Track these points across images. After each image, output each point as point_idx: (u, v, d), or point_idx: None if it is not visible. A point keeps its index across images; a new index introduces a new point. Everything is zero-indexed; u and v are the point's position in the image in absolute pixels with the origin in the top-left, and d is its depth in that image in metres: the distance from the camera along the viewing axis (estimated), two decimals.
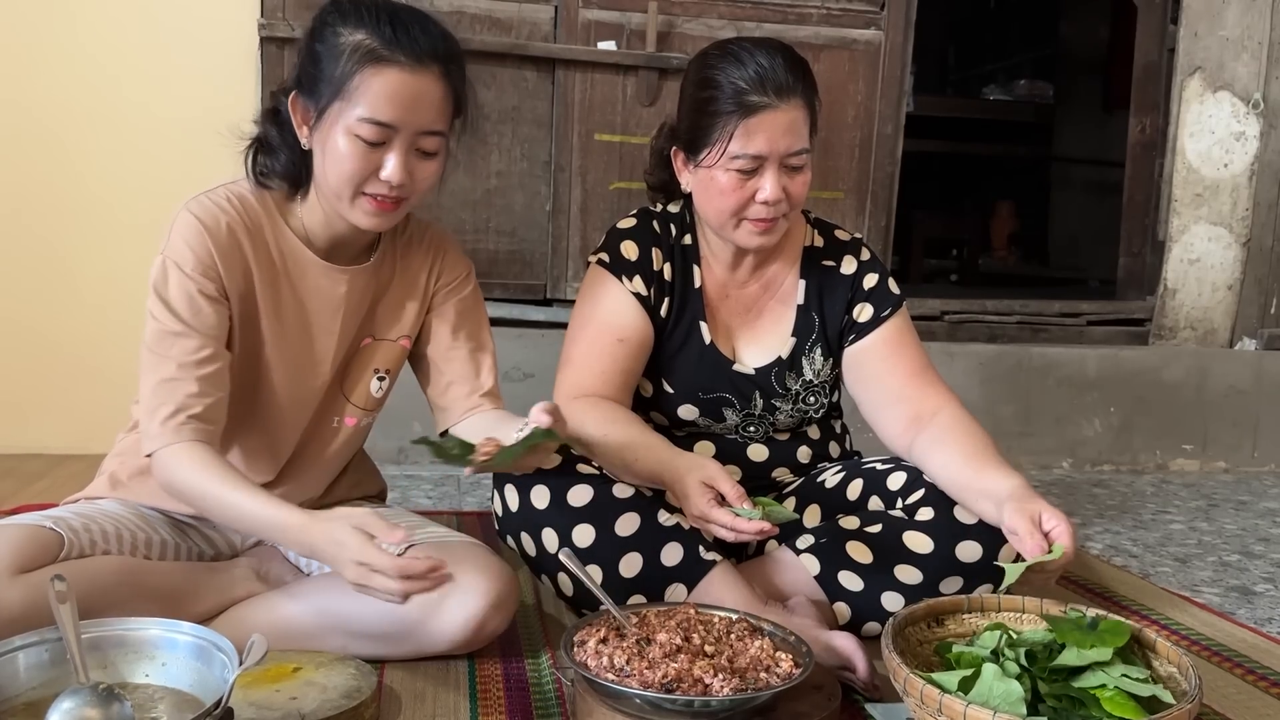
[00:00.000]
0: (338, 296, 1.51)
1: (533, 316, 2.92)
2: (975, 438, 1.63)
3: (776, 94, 1.56)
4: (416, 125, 1.38)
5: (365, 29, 1.36)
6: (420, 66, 1.36)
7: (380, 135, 1.37)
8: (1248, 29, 3.20)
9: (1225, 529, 2.55)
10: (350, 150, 1.37)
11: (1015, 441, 3.13)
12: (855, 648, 1.43)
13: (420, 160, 1.42)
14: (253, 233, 1.46)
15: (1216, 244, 3.28)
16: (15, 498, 2.26)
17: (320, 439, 1.59)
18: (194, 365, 1.39)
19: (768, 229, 1.63)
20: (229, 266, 1.43)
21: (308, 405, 1.55)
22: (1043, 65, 5.42)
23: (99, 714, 1.05)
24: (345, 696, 1.28)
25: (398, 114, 1.36)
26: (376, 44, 1.35)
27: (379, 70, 1.35)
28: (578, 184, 2.94)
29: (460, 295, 1.63)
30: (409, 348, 1.62)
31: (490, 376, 1.63)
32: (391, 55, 1.35)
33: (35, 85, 2.62)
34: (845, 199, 3.09)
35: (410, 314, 1.60)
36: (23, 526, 1.38)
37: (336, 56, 1.36)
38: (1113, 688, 1.21)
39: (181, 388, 1.38)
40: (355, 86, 1.35)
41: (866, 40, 3.04)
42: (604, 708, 1.26)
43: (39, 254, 2.67)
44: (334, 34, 1.37)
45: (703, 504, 1.45)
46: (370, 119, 1.35)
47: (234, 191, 1.47)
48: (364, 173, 1.39)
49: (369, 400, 1.60)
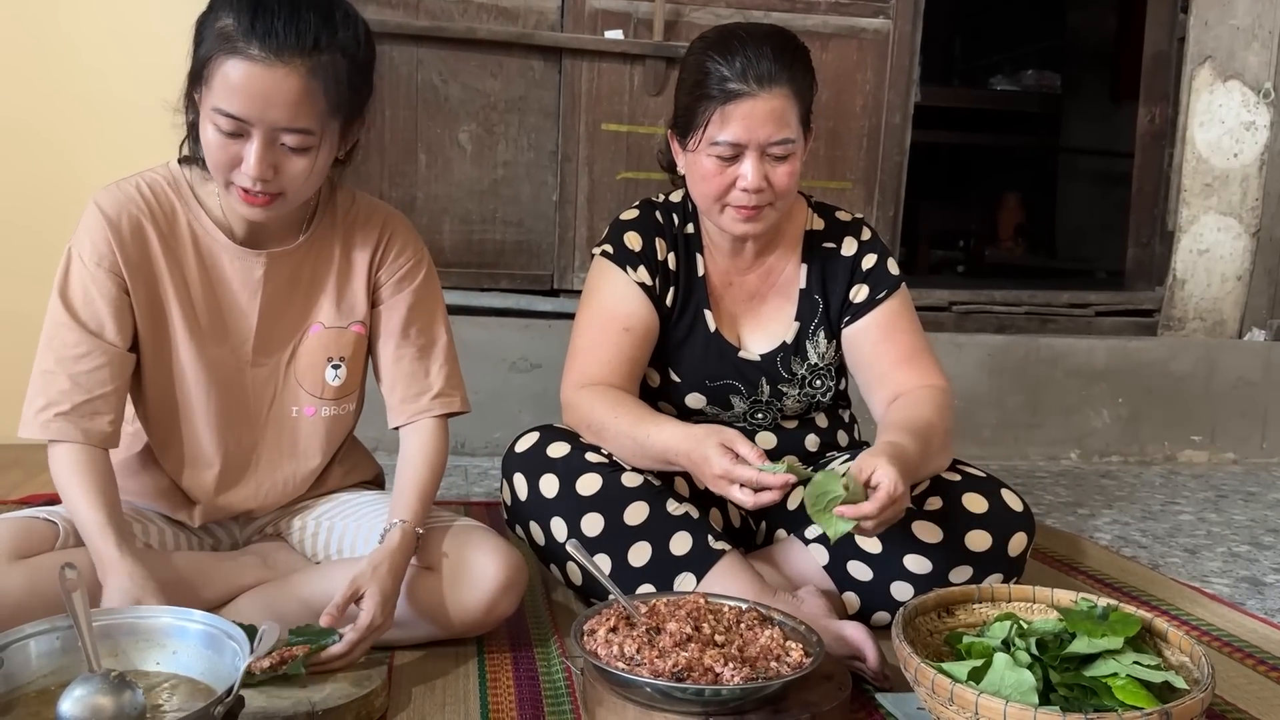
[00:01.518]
0: (254, 280, 1.48)
1: (539, 307, 2.92)
2: (910, 411, 1.60)
3: (758, 83, 1.55)
4: (271, 121, 1.30)
5: (231, 13, 1.28)
6: (276, 60, 1.27)
7: (234, 127, 1.30)
8: (1258, 18, 3.18)
9: (1234, 520, 2.55)
10: (212, 138, 1.32)
11: (1023, 432, 3.13)
12: (865, 637, 1.43)
13: (288, 155, 1.34)
14: (161, 220, 1.44)
15: (1226, 234, 3.26)
16: (22, 488, 2.26)
17: (282, 430, 1.55)
18: (71, 361, 1.38)
19: (751, 217, 1.62)
20: (129, 257, 1.41)
21: (244, 391, 1.52)
22: (1050, 56, 5.39)
23: (110, 702, 1.05)
24: (355, 684, 1.28)
25: (246, 108, 1.28)
26: (233, 31, 1.27)
27: (230, 59, 1.28)
28: (584, 174, 2.94)
29: (411, 285, 1.56)
30: (364, 334, 1.57)
31: (441, 375, 1.57)
32: (246, 45, 1.27)
33: (27, 77, 2.61)
34: (853, 189, 3.09)
35: (358, 299, 1.55)
36: (17, 518, 1.40)
37: (204, 39, 1.30)
38: (1125, 676, 1.20)
39: (54, 383, 1.38)
40: (210, 74, 1.30)
41: (875, 29, 3.03)
42: (614, 696, 1.26)
43: (41, 247, 2.66)
44: (210, 14, 1.31)
45: (725, 463, 1.42)
46: (220, 109, 1.29)
47: (146, 179, 1.46)
48: (227, 163, 1.33)
49: (326, 389, 1.55)
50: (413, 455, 1.54)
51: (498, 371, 2.82)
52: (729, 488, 1.43)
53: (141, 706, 1.07)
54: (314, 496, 1.64)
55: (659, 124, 2.93)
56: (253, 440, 1.54)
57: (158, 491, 1.55)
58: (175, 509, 1.56)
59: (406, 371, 1.56)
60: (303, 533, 1.61)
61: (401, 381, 1.56)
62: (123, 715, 1.05)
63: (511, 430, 1.86)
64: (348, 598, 1.34)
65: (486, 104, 2.87)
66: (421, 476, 1.51)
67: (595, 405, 1.62)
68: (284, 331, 1.53)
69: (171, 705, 1.14)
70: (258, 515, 1.62)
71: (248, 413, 1.53)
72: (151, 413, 1.50)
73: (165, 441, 1.52)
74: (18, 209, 2.65)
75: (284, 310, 1.52)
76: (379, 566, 1.37)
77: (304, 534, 1.61)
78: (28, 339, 2.65)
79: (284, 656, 1.28)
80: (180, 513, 1.56)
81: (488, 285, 2.94)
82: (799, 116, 1.59)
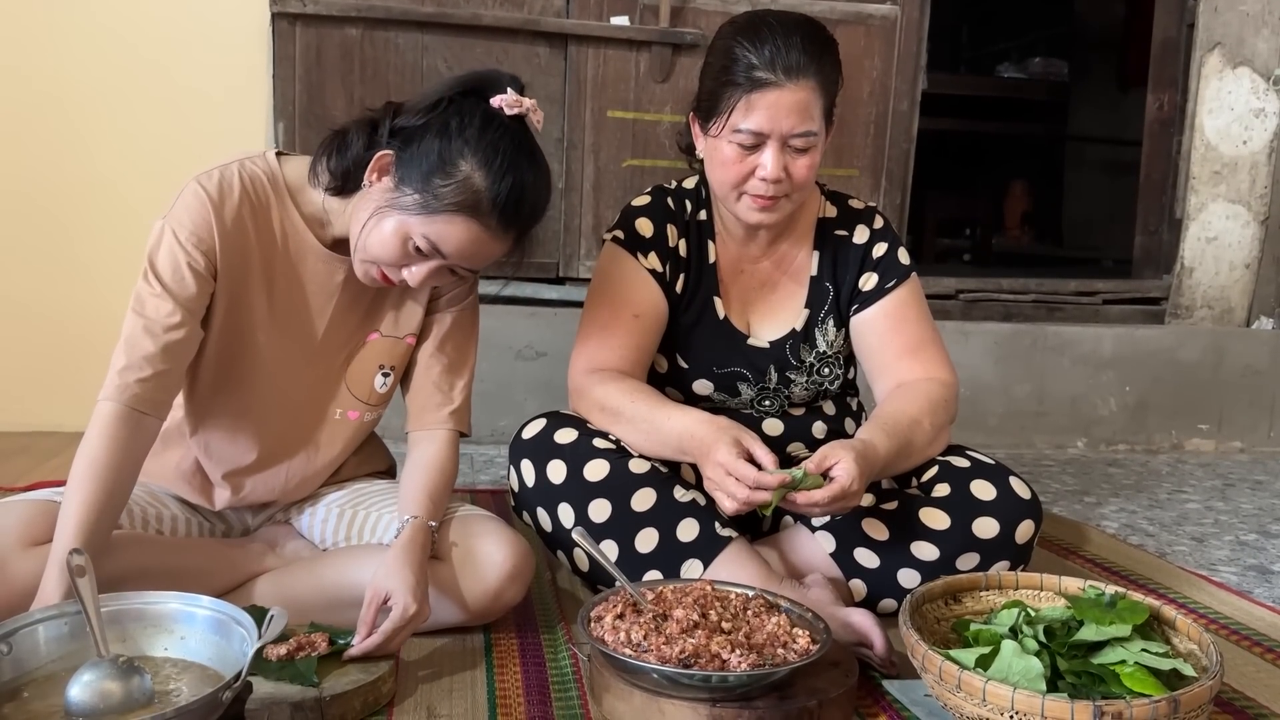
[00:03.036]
0: (334, 283, 1.50)
1: (545, 295, 2.91)
2: (896, 405, 1.62)
3: (785, 73, 1.54)
4: (467, 266, 1.44)
5: (482, 174, 1.36)
6: (504, 234, 1.40)
7: (437, 262, 1.41)
8: (1268, 4, 3.16)
9: (1242, 508, 2.54)
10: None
11: (1030, 420, 3.12)
12: (872, 624, 1.42)
13: (453, 280, 1.50)
14: (258, 211, 1.45)
15: (1234, 222, 3.25)
16: (30, 475, 2.27)
17: (320, 430, 1.57)
18: (161, 330, 1.37)
19: (768, 206, 1.62)
20: (227, 243, 1.42)
21: (300, 388, 1.53)
22: (1058, 43, 5.36)
23: (119, 687, 1.06)
24: (363, 671, 1.28)
25: (464, 258, 1.40)
26: (482, 199, 1.36)
27: (467, 222, 1.37)
28: (590, 161, 2.93)
29: (460, 306, 1.61)
30: (414, 345, 1.60)
31: (461, 395, 1.59)
32: (489, 216, 1.37)
33: (45, 65, 2.61)
34: (860, 176, 3.07)
35: (415, 313, 1.58)
36: (31, 501, 1.39)
37: (447, 181, 1.35)
38: (1133, 663, 1.20)
39: (141, 346, 1.37)
40: (441, 221, 1.37)
41: (883, 15, 3.01)
42: (621, 683, 1.26)
43: (51, 233, 2.67)
44: (458, 155, 1.36)
45: (730, 456, 1.42)
46: (439, 248, 1.38)
47: (247, 170, 1.47)
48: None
49: (373, 395, 1.59)
50: (427, 461, 1.53)
51: (503, 359, 2.82)
52: (723, 479, 1.43)
53: (149, 692, 1.08)
54: (326, 485, 1.64)
55: (665, 111, 2.93)
56: (294, 436, 1.56)
57: (178, 474, 1.55)
58: (194, 492, 1.56)
59: (434, 382, 1.58)
60: (313, 519, 1.62)
61: (426, 390, 1.58)
62: (131, 700, 1.05)
63: (517, 418, 1.86)
64: (373, 607, 1.33)
65: None
66: (434, 480, 1.51)
67: (609, 390, 1.61)
68: (346, 336, 1.55)
69: (179, 690, 1.14)
70: (275, 505, 1.63)
71: (298, 409, 1.55)
72: (204, 394, 1.50)
73: (210, 425, 1.52)
74: (16, 205, 2.65)
75: (351, 316, 1.54)
76: (392, 563, 1.36)
77: (314, 520, 1.61)
78: (31, 328, 2.69)
79: (300, 644, 1.28)
80: (198, 496, 1.56)
81: (493, 273, 2.92)
82: (823, 109, 1.58)
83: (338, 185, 1.44)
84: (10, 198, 2.64)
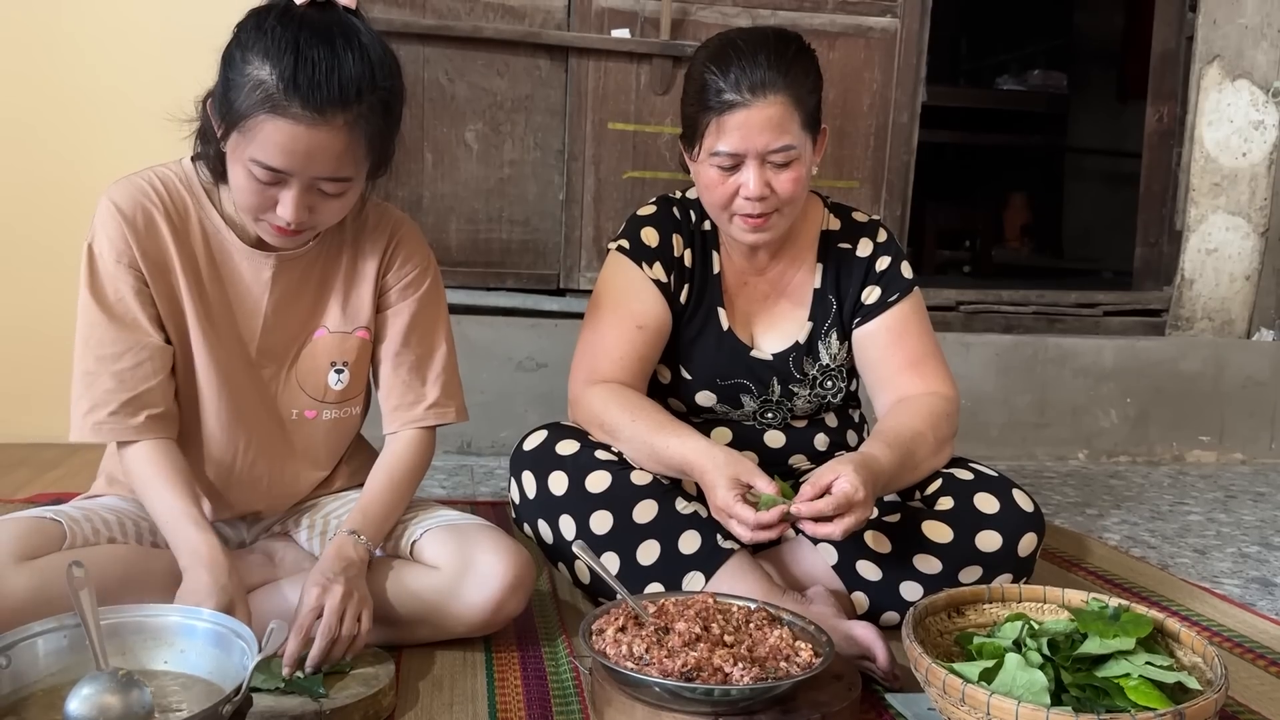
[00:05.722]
0: (263, 280, 1.48)
1: (546, 306, 2.91)
2: (898, 419, 1.62)
3: (751, 92, 1.54)
4: (312, 173, 1.30)
5: (269, 65, 1.26)
6: (320, 119, 1.26)
7: (273, 178, 1.30)
8: (1267, 16, 3.17)
9: (1244, 520, 2.53)
10: (246, 183, 1.32)
11: (1031, 432, 3.12)
12: (875, 637, 1.42)
13: (323, 198, 1.35)
14: (174, 216, 1.44)
15: (1234, 234, 3.25)
16: (30, 486, 2.26)
17: (284, 431, 1.55)
18: (111, 359, 1.37)
19: (758, 226, 1.61)
20: (146, 252, 1.40)
21: (248, 391, 1.51)
22: (1057, 55, 5.38)
23: (118, 700, 1.05)
24: (363, 684, 1.28)
25: (289, 163, 1.28)
26: (275, 88, 1.25)
27: (273, 118, 1.26)
28: (591, 173, 2.93)
29: (416, 293, 1.55)
30: (369, 339, 1.56)
31: (437, 385, 1.56)
32: (288, 105, 1.25)
33: (28, 75, 2.60)
34: (860, 188, 3.08)
35: (364, 304, 1.54)
36: (24, 518, 1.39)
37: (239, 89, 1.27)
38: (1137, 676, 1.19)
39: (98, 383, 1.37)
40: (250, 127, 1.27)
41: (882, 28, 3.02)
42: (623, 696, 1.25)
43: (48, 245, 2.67)
44: (243, 62, 1.28)
45: (729, 498, 1.42)
46: (261, 162, 1.29)
47: (158, 174, 1.46)
48: (260, 205, 1.34)
49: (328, 393, 1.55)
50: (385, 465, 1.53)
51: (504, 371, 2.82)
52: (725, 521, 1.44)
53: (149, 705, 1.07)
54: (321, 495, 1.64)
55: (665, 123, 2.94)
56: (257, 440, 1.53)
57: None
58: None
59: (402, 380, 1.56)
60: (310, 530, 1.61)
61: (396, 390, 1.56)
62: (130, 714, 1.05)
63: (517, 430, 1.85)
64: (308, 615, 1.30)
65: (493, 103, 2.86)
66: (382, 489, 1.50)
67: (609, 405, 1.61)
68: (290, 334, 1.52)
69: (179, 704, 1.14)
70: (265, 515, 1.62)
71: (253, 413, 1.52)
72: None
73: (180, 437, 1.51)
74: (16, 213, 2.64)
75: (291, 313, 1.51)
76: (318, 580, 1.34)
77: (312, 532, 1.61)
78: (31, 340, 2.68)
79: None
80: None
81: (494, 284, 2.93)
82: (801, 122, 1.57)
83: (219, 170, 1.41)
84: (10, 209, 2.64)
